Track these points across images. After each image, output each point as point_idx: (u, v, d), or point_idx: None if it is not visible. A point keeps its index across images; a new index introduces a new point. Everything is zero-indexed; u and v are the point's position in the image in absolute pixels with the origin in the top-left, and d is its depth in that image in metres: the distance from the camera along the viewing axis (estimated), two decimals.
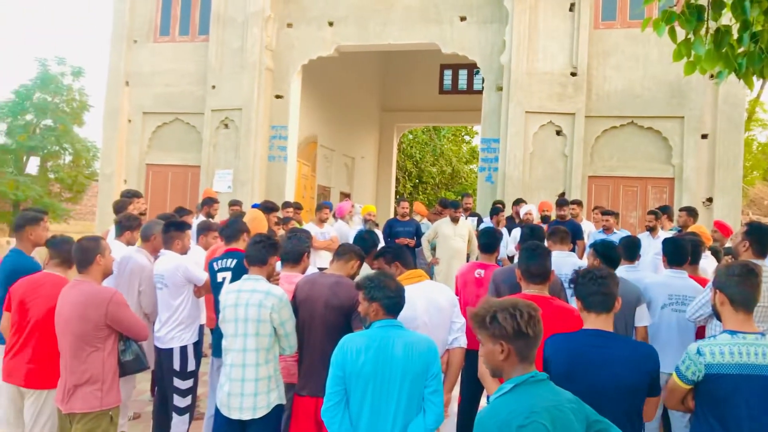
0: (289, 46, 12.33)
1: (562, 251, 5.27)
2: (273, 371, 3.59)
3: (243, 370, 3.51)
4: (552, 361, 2.75)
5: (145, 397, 6.07)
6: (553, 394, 2.15)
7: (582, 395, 2.59)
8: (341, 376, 2.89)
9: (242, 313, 3.52)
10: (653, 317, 4.38)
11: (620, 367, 2.64)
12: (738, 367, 2.66)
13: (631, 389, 2.64)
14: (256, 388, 3.51)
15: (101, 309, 3.49)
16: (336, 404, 2.89)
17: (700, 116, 10.27)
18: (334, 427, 2.88)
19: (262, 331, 3.51)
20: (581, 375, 2.65)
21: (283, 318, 3.55)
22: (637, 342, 2.85)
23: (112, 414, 3.52)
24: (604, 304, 2.77)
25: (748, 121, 21.06)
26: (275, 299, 3.52)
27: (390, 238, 9.12)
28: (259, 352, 3.52)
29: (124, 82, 12.96)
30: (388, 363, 2.84)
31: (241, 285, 3.64)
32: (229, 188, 11.88)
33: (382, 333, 2.92)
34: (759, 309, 3.81)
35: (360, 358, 2.85)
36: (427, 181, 26.12)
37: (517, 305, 2.21)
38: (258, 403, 3.52)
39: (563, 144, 10.71)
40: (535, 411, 2.05)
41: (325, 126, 15.45)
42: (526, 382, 2.14)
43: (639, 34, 10.09)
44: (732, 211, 10.06)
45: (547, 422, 2.03)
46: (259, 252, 3.70)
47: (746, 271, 2.83)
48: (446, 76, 18.92)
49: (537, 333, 2.19)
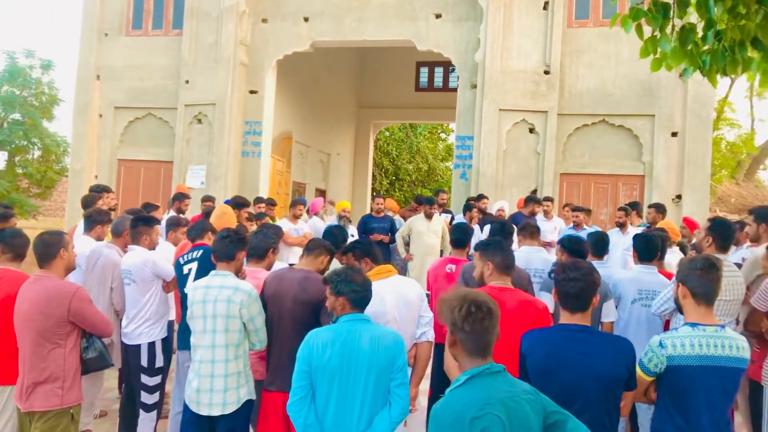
0: (263, 42, 12.25)
1: (532, 246, 5.32)
2: (243, 367, 3.58)
3: (212, 366, 3.49)
4: (529, 356, 2.77)
5: (112, 395, 5.99)
6: (509, 385, 2.16)
7: (560, 390, 2.62)
8: (307, 371, 2.88)
9: (210, 309, 3.49)
10: (623, 312, 4.43)
11: (599, 360, 2.66)
12: (698, 358, 2.70)
13: (610, 383, 2.66)
14: (225, 384, 3.49)
15: (64, 305, 3.42)
16: (302, 398, 2.88)
17: (670, 115, 10.43)
18: (300, 421, 2.87)
19: (232, 327, 3.48)
20: (559, 370, 2.67)
21: (253, 313, 3.53)
22: (614, 336, 2.87)
23: (73, 412, 3.45)
24: (584, 301, 2.78)
25: (717, 121, 21.46)
26: (244, 295, 3.50)
27: (365, 234, 9.12)
28: (228, 348, 3.49)
29: (94, 76, 12.76)
30: (354, 357, 2.84)
31: (209, 281, 3.60)
32: (202, 184, 11.76)
33: (348, 327, 2.92)
34: (720, 303, 3.89)
35: (326, 352, 2.85)
36: (404, 178, 26.16)
37: (465, 299, 2.21)
38: (228, 398, 3.50)
39: (536, 141, 10.80)
40: (489, 403, 2.05)
41: (300, 122, 15.38)
42: (481, 374, 2.14)
43: (611, 33, 10.22)
44: (700, 208, 10.23)
45: (501, 414, 2.04)
46: (225, 247, 3.66)
47: (708, 265, 2.87)
48: (422, 73, 18.97)
49: (477, 329, 2.16)
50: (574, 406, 2.63)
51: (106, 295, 4.85)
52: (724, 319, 3.94)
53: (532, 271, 4.92)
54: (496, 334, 2.22)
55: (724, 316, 3.96)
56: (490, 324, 2.18)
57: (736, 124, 24.58)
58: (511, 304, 3.34)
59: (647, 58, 3.45)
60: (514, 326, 3.22)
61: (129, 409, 4.77)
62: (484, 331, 2.17)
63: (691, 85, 10.14)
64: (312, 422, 2.86)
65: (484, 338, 2.17)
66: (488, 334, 2.18)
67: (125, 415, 4.80)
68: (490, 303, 2.23)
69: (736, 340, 2.77)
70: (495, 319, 2.21)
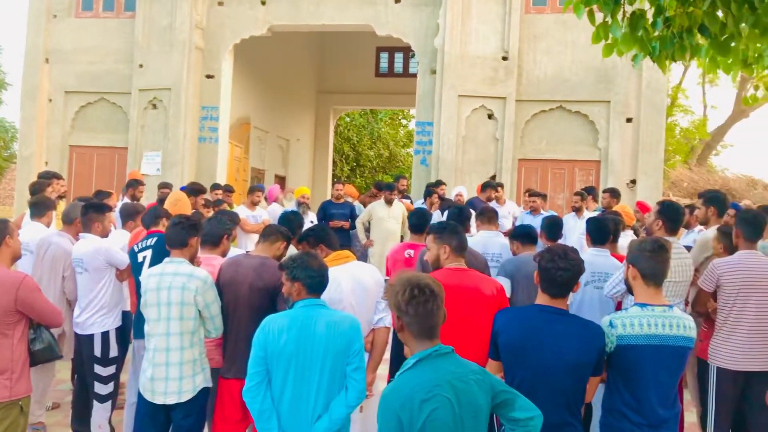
0: (220, 25, 12.01)
1: (490, 230, 5.37)
2: (198, 354, 3.55)
3: (167, 355, 3.46)
4: (503, 334, 2.80)
5: (65, 387, 5.86)
6: (457, 366, 2.19)
7: (532, 368, 2.68)
8: (263, 356, 2.87)
9: (165, 296, 3.45)
10: (576, 294, 4.51)
11: (571, 342, 2.70)
12: (646, 337, 2.77)
13: (579, 365, 2.71)
14: (181, 372, 3.46)
15: (11, 294, 3.32)
16: (257, 384, 2.87)
17: (625, 101, 10.63)
18: (256, 406, 2.87)
19: (186, 315, 3.45)
20: (532, 349, 2.71)
21: (208, 300, 3.50)
22: (587, 321, 2.92)
23: (22, 404, 3.37)
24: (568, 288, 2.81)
25: (671, 107, 21.97)
26: (199, 282, 3.47)
27: (324, 220, 9.09)
28: (183, 335, 3.47)
29: (43, 60, 12.33)
30: (309, 342, 2.84)
31: (162, 268, 3.55)
32: (158, 171, 11.53)
33: (304, 312, 2.91)
34: (669, 284, 3.99)
35: (282, 337, 2.84)
36: (365, 164, 26.11)
37: (409, 283, 2.23)
38: (183, 386, 3.48)
39: (495, 127, 10.88)
40: (438, 384, 2.09)
41: (258, 107, 15.19)
42: (429, 356, 2.17)
43: (568, 19, 10.33)
44: (654, 192, 10.48)
45: (450, 395, 2.07)
46: (178, 234, 3.61)
47: (657, 247, 2.94)
48: (382, 58, 18.89)
49: (421, 312, 2.19)
50: (543, 384, 2.68)
51: (58, 284, 4.74)
52: (673, 299, 4.05)
53: (490, 256, 4.98)
54: (441, 315, 2.24)
55: (673, 297, 4.07)
56: (434, 306, 2.20)
57: (690, 111, 25.20)
58: (469, 284, 3.37)
59: (599, 43, 3.50)
60: (472, 306, 3.26)
61: (82, 401, 4.69)
62: (428, 313, 2.20)
63: (645, 71, 10.34)
64: (268, 407, 2.86)
65: (428, 320, 2.20)
66: (433, 316, 2.21)
67: (78, 407, 4.72)
68: (433, 285, 2.25)
69: (683, 319, 2.85)
70: (439, 301, 2.23)
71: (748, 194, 12.68)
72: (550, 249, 2.86)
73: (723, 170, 19.11)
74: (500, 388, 2.26)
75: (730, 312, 3.99)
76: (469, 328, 3.20)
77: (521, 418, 2.28)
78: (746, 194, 12.70)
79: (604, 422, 2.90)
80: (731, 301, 3.98)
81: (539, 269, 2.83)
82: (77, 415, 4.73)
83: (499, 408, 2.27)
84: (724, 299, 4.01)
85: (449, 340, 3.06)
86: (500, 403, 2.25)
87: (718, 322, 4.06)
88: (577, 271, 2.80)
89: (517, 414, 2.28)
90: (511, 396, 2.28)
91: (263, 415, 2.86)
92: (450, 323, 3.13)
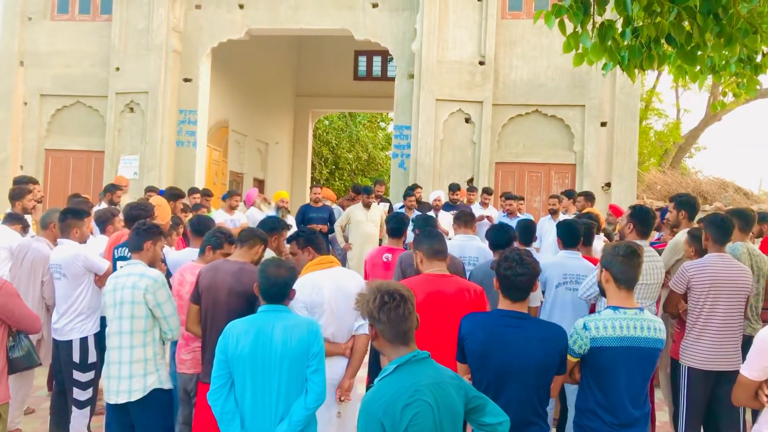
0: (197, 28, 11.98)
1: (466, 234, 5.44)
2: (151, 354, 3.61)
3: (120, 353, 3.57)
4: (468, 339, 2.86)
5: (42, 393, 5.81)
6: (435, 371, 2.25)
7: (495, 372, 2.75)
8: (224, 360, 2.93)
9: (119, 296, 3.58)
10: (549, 295, 4.60)
11: (533, 346, 2.77)
12: (619, 339, 2.85)
13: (543, 367, 2.79)
14: (130, 371, 3.55)
15: None
16: (220, 387, 2.94)
17: (599, 105, 10.81)
18: (218, 409, 2.94)
19: (137, 313, 3.56)
20: (496, 353, 2.77)
21: (159, 300, 3.58)
22: (548, 323, 3.00)
23: (1, 411, 3.36)
24: (527, 292, 2.88)
25: (646, 110, 22.30)
26: (149, 280, 3.57)
27: (303, 224, 9.09)
28: (134, 334, 3.56)
29: (18, 62, 12.21)
30: (267, 347, 2.88)
31: (120, 271, 3.72)
32: (135, 174, 11.45)
33: (262, 317, 2.97)
34: (641, 286, 4.10)
35: (240, 342, 2.90)
36: (344, 167, 26.09)
37: (379, 290, 2.29)
38: (133, 386, 3.55)
39: (472, 131, 11.00)
40: (418, 389, 2.14)
41: (237, 110, 15.14)
42: (408, 362, 2.22)
43: (543, 25, 10.45)
44: (628, 195, 10.67)
45: (430, 399, 2.13)
46: (133, 238, 3.76)
47: (630, 252, 3.02)
48: (360, 62, 18.93)
49: (393, 317, 2.24)
50: (507, 387, 2.76)
51: (37, 290, 4.72)
52: (645, 302, 4.15)
53: (467, 259, 5.04)
54: (413, 320, 2.29)
55: (645, 299, 4.17)
56: (404, 310, 2.25)
57: (663, 114, 25.59)
58: (450, 289, 3.42)
59: (570, 53, 3.59)
60: (452, 310, 3.31)
61: (60, 406, 4.66)
62: (400, 318, 2.25)
63: (619, 76, 10.52)
64: (229, 410, 2.92)
65: (401, 325, 2.25)
66: (405, 320, 2.26)
67: (57, 413, 4.69)
68: (402, 291, 2.30)
69: (654, 322, 2.93)
70: (410, 306, 2.28)
71: (719, 197, 12.94)
72: (506, 256, 2.91)
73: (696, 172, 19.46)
74: (473, 394, 2.34)
75: (700, 313, 4.09)
76: (449, 332, 3.24)
77: (491, 423, 2.37)
78: (717, 197, 12.96)
79: (578, 422, 2.98)
80: (701, 302, 4.07)
81: (498, 276, 2.90)
82: (55, 421, 4.69)
83: (471, 413, 2.34)
84: (695, 301, 4.12)
85: (430, 345, 3.09)
86: (473, 408, 2.33)
87: (689, 323, 4.16)
88: (535, 274, 2.88)
89: (487, 419, 2.37)
90: (483, 402, 2.36)
91: (225, 417, 2.92)
92: (429, 328, 3.20)
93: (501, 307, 2.92)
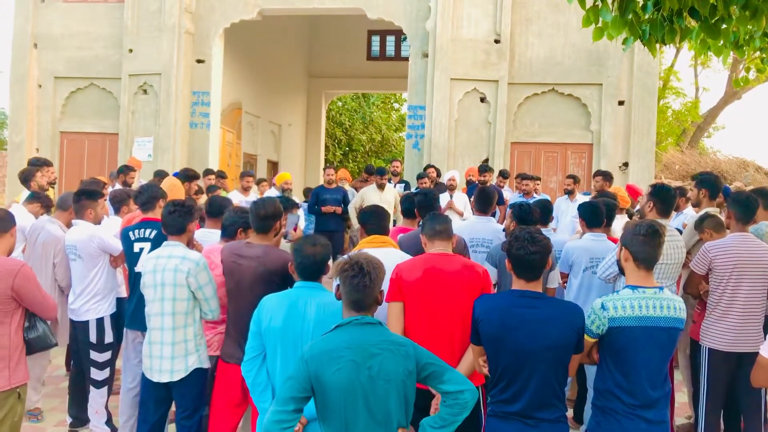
0: (209, 9, 11.90)
1: (482, 216, 5.39)
2: (192, 335, 3.66)
3: (161, 334, 3.62)
4: (483, 321, 2.81)
5: (60, 372, 5.88)
6: (376, 335, 2.40)
7: (513, 354, 2.71)
8: (258, 333, 3.01)
9: (160, 278, 3.60)
10: (575, 279, 4.56)
11: (550, 326, 2.72)
12: (637, 319, 2.80)
13: (560, 346, 2.74)
14: (172, 352, 3.61)
15: (7, 281, 3.30)
16: (253, 359, 3.03)
17: (617, 83, 10.63)
18: (250, 378, 3.05)
19: (179, 296, 3.58)
20: (512, 334, 2.72)
21: (201, 282, 3.59)
22: (566, 303, 2.94)
23: (20, 391, 3.38)
24: (541, 270, 2.82)
25: (663, 89, 21.97)
26: (191, 264, 3.58)
27: (317, 205, 9.09)
28: (176, 316, 3.60)
29: (31, 45, 12.22)
30: (298, 321, 2.91)
31: (160, 252, 3.71)
32: (149, 156, 11.47)
33: (297, 293, 3.00)
34: (661, 266, 4.03)
35: (272, 315, 2.95)
36: (357, 148, 26.02)
37: (349, 259, 2.49)
38: (175, 366, 3.61)
39: (487, 111, 10.87)
40: (348, 347, 2.35)
41: (250, 92, 15.09)
42: (349, 324, 2.42)
43: (560, 2, 10.29)
44: (646, 175, 10.52)
45: (357, 359, 2.33)
46: (174, 221, 3.72)
47: (651, 232, 2.95)
48: (374, 42, 18.78)
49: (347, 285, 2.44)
50: (524, 369, 2.71)
51: (49, 271, 4.73)
52: (665, 281, 4.09)
53: (480, 241, 4.99)
54: (369, 294, 2.45)
55: (665, 279, 4.11)
56: (360, 282, 2.43)
57: (682, 93, 25.22)
58: (452, 268, 3.37)
59: (589, 27, 3.50)
60: (455, 290, 3.27)
61: (78, 387, 4.72)
62: (354, 287, 2.44)
63: (637, 54, 10.33)
64: (261, 381, 3.02)
65: (354, 294, 2.45)
66: (357, 291, 2.44)
67: (75, 393, 4.75)
68: (365, 264, 2.45)
69: (674, 301, 2.87)
70: (367, 278, 2.43)
71: (739, 176, 12.74)
72: (516, 236, 2.85)
73: (714, 152, 19.17)
74: (426, 361, 2.44)
75: (722, 294, 4.02)
76: (451, 311, 3.22)
77: (451, 390, 2.44)
78: (737, 176, 12.76)
79: (596, 403, 2.93)
80: (723, 283, 4.01)
81: (510, 257, 2.85)
82: (74, 401, 4.75)
83: (428, 380, 2.46)
84: (716, 282, 4.05)
85: (428, 320, 3.19)
86: (428, 375, 2.44)
87: (710, 304, 4.10)
88: (547, 251, 2.83)
89: (446, 387, 2.45)
90: (439, 369, 2.45)
91: (257, 388, 3.02)
92: (427, 304, 3.20)
93: (515, 287, 2.87)
